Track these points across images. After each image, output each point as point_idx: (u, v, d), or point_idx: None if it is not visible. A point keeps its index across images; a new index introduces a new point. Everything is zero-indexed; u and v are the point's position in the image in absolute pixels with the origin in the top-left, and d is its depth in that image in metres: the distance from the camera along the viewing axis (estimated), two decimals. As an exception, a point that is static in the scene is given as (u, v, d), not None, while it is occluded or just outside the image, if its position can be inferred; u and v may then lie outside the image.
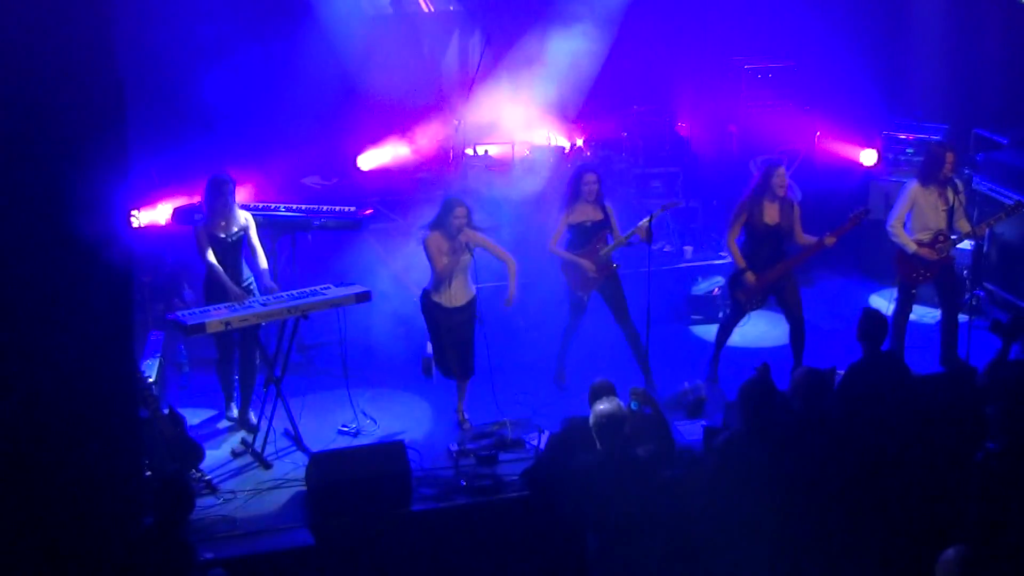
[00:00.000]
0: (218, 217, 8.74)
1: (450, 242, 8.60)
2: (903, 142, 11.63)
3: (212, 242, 8.73)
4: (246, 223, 8.89)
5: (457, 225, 8.56)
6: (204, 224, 8.75)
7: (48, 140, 6.13)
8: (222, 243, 8.76)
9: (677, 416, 8.77)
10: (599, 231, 9.29)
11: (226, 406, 9.12)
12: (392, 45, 11.76)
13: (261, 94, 11.42)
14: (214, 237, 8.74)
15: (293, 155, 11.67)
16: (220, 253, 8.75)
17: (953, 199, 9.50)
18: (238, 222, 8.84)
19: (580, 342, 10.02)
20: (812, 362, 8.62)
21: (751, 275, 9.30)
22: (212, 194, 8.73)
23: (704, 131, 12.42)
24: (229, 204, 8.78)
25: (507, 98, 11.61)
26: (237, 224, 8.83)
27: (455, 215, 8.57)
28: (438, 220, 8.65)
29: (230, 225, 8.79)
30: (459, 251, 8.57)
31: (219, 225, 8.75)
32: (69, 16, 6.05)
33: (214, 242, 8.74)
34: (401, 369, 9.89)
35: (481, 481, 8.11)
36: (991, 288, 10.85)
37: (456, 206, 8.62)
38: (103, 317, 6.45)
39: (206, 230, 8.74)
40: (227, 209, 8.77)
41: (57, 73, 6.07)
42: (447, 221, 8.59)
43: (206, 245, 8.72)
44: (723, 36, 12.45)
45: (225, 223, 8.76)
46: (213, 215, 8.74)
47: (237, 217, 8.85)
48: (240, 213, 8.90)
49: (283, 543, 7.61)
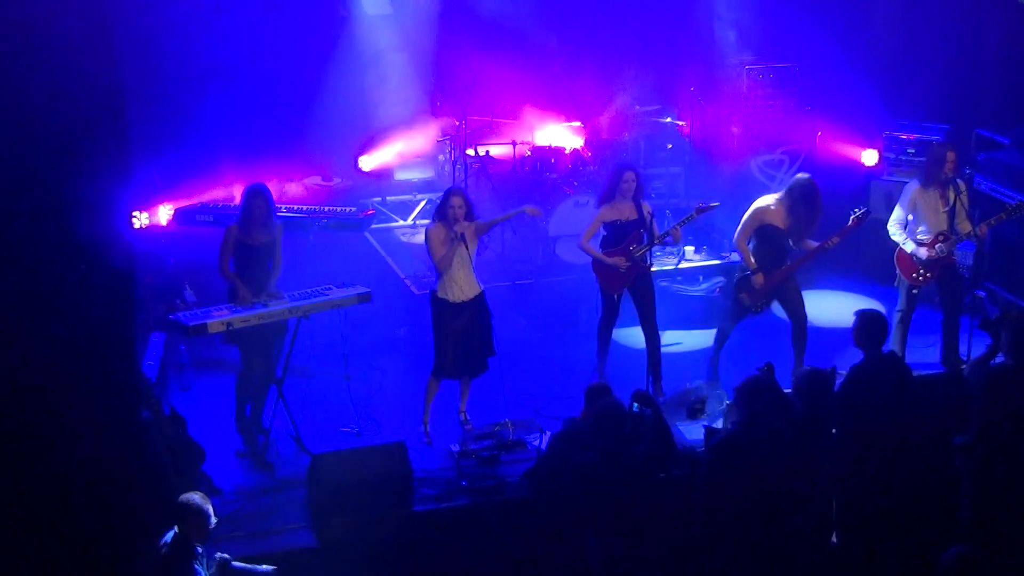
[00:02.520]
0: (256, 225, 8.63)
1: (448, 231, 8.60)
2: (904, 142, 11.62)
3: (240, 249, 8.60)
4: (277, 233, 8.76)
5: (453, 215, 8.57)
6: (238, 230, 8.63)
7: (49, 141, 6.12)
8: (251, 250, 8.62)
9: (678, 416, 8.77)
10: (634, 230, 9.24)
11: (238, 411, 9.04)
12: (392, 45, 11.76)
13: (261, 95, 11.43)
14: (244, 244, 8.61)
15: (294, 156, 11.68)
16: (247, 260, 8.61)
17: (954, 199, 9.50)
18: (271, 232, 8.73)
19: (581, 343, 10.05)
20: (813, 362, 8.63)
21: (760, 277, 9.30)
22: (254, 202, 8.60)
23: (706, 131, 12.42)
24: (266, 213, 8.65)
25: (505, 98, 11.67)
26: (270, 234, 8.72)
27: (451, 204, 8.58)
28: (439, 210, 8.70)
29: (263, 234, 8.67)
30: (455, 241, 8.56)
31: (252, 233, 8.64)
32: (70, 18, 6.05)
33: (243, 249, 8.61)
34: (402, 369, 9.89)
35: (483, 482, 8.11)
36: (992, 288, 10.84)
37: (453, 196, 8.65)
38: (104, 318, 6.44)
39: (238, 236, 8.61)
40: (267, 218, 8.65)
41: (58, 75, 6.07)
42: (445, 210, 8.62)
43: (230, 252, 8.59)
44: (725, 36, 12.44)
45: (258, 232, 8.64)
46: (251, 223, 8.62)
47: (272, 228, 8.74)
48: (275, 224, 8.77)
49: (285, 544, 7.64)
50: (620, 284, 9.37)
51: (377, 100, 11.87)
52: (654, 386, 9.20)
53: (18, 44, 5.95)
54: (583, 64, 12.04)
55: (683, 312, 10.73)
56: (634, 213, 9.26)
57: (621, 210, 9.27)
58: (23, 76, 6.00)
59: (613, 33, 12.16)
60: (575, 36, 12.15)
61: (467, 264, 8.69)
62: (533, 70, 12.15)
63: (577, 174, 11.25)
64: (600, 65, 12.04)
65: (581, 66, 12.04)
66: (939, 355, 9.89)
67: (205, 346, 9.36)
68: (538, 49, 12.15)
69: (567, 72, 12.12)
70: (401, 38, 11.91)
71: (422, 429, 8.88)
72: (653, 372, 9.25)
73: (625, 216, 9.26)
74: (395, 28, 11.94)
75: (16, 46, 5.95)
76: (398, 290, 10.69)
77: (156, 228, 10.36)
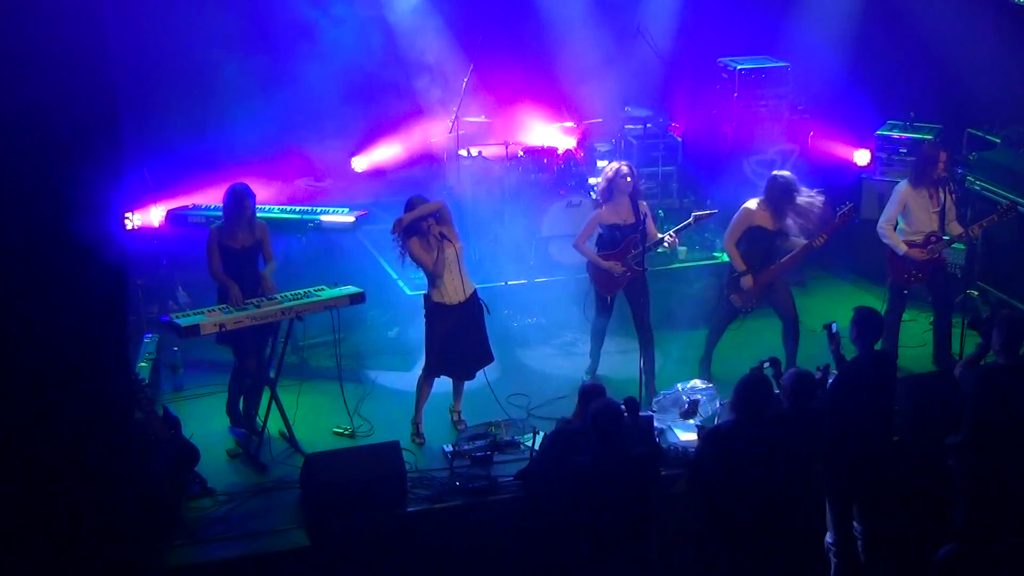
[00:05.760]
0: (235, 227, 8.63)
1: (426, 239, 8.58)
2: (896, 142, 11.64)
3: (225, 252, 8.60)
4: (261, 235, 8.77)
5: (426, 225, 8.53)
6: (220, 233, 8.62)
7: (41, 142, 6.12)
8: (236, 253, 8.63)
9: (671, 417, 8.78)
10: (631, 233, 9.24)
11: (230, 402, 9.03)
12: (388, 46, 11.75)
13: (254, 96, 11.42)
14: (228, 248, 8.61)
15: (286, 157, 11.67)
16: (233, 263, 8.61)
17: (945, 199, 9.52)
18: (254, 234, 8.74)
19: (574, 343, 10.05)
20: (805, 362, 8.65)
21: (749, 279, 9.31)
22: (232, 204, 8.60)
23: (698, 131, 12.42)
24: (248, 215, 8.66)
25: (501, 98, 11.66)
26: (253, 236, 8.73)
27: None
28: (408, 227, 8.57)
29: (246, 236, 8.68)
30: (438, 244, 8.54)
31: (235, 236, 8.64)
32: (63, 19, 6.05)
33: (227, 253, 8.61)
34: (395, 369, 9.89)
35: (476, 482, 8.11)
36: (984, 287, 10.87)
37: (418, 204, 8.60)
38: (97, 319, 6.44)
39: (220, 240, 8.60)
40: (245, 220, 8.65)
41: (51, 75, 6.06)
42: (415, 224, 8.54)
43: (217, 256, 8.58)
44: (717, 36, 12.45)
45: (242, 234, 8.65)
46: (231, 225, 8.63)
47: (254, 229, 8.75)
48: (257, 224, 8.78)
49: (278, 545, 7.63)
50: (615, 286, 9.38)
51: (370, 100, 11.85)
52: (647, 387, 9.21)
53: (12, 47, 5.94)
54: (576, 64, 12.02)
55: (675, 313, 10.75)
56: (631, 216, 9.26)
57: (619, 212, 9.27)
58: (17, 79, 5.99)
59: (611, 33, 12.15)
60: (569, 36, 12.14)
61: (458, 264, 8.68)
62: (527, 70, 12.16)
63: (570, 174, 11.26)
64: (594, 65, 12.03)
65: (574, 66, 12.02)
66: (931, 355, 9.92)
67: (198, 347, 9.35)
68: (532, 49, 12.16)
69: (560, 72, 12.11)
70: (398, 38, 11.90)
71: (414, 429, 8.88)
72: (646, 373, 9.24)
73: (623, 219, 9.27)
74: (390, 29, 11.93)
75: (10, 49, 5.94)
76: (391, 290, 10.68)
77: (148, 229, 10.34)
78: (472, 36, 11.58)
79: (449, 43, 11.88)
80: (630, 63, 12.09)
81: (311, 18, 11.48)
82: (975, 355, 7.60)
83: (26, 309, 6.23)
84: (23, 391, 6.27)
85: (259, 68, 11.50)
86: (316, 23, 11.47)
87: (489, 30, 11.65)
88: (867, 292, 11.23)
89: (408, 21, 11.83)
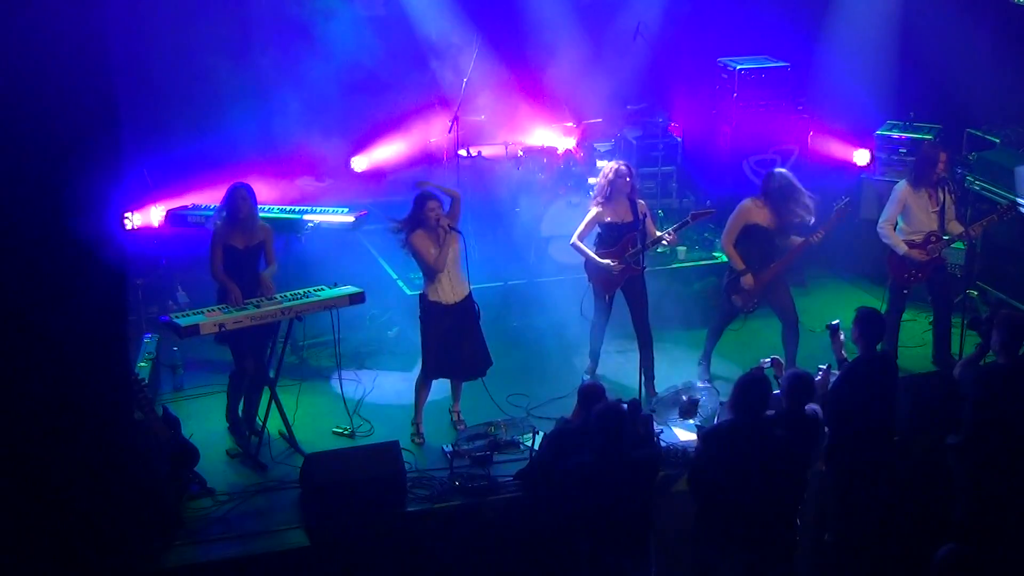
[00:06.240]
0: (237, 227, 8.58)
1: (433, 234, 8.59)
2: (896, 142, 11.63)
3: (227, 252, 8.56)
4: (265, 236, 8.73)
5: (435, 218, 8.56)
6: (223, 232, 8.57)
7: (41, 143, 6.13)
8: (238, 253, 8.58)
9: (671, 416, 8.78)
10: (630, 232, 9.24)
11: (230, 409, 9.00)
12: (388, 45, 11.75)
13: (254, 96, 11.42)
14: (230, 247, 8.56)
15: (286, 157, 11.66)
16: (235, 264, 8.56)
17: (945, 199, 9.52)
18: (257, 235, 8.71)
19: (573, 343, 10.05)
20: (805, 362, 8.65)
21: (750, 278, 9.31)
22: (233, 203, 8.54)
23: (697, 131, 12.42)
24: (250, 214, 8.60)
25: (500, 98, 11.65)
26: (256, 237, 8.69)
27: (428, 208, 8.55)
28: (415, 218, 8.61)
29: (249, 236, 8.64)
30: (444, 240, 8.56)
31: (237, 235, 8.60)
32: (63, 20, 6.05)
33: (230, 252, 8.56)
34: (395, 369, 9.89)
35: (475, 482, 8.11)
36: (984, 287, 10.87)
37: (427, 200, 8.59)
38: (97, 319, 6.45)
39: (223, 240, 8.55)
40: (248, 219, 8.60)
41: (51, 76, 6.07)
42: (423, 216, 8.58)
43: (219, 257, 8.53)
44: (717, 36, 12.45)
45: (244, 234, 8.61)
46: (232, 225, 8.58)
47: (257, 229, 8.72)
48: (261, 226, 8.74)
49: (278, 545, 7.63)
50: (613, 285, 9.38)
51: (370, 100, 11.85)
52: (646, 387, 9.20)
53: (13, 49, 5.95)
54: (576, 64, 12.02)
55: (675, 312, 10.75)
56: (629, 214, 9.26)
57: (617, 210, 9.27)
58: (18, 80, 6.00)
59: (611, 33, 12.15)
60: (570, 36, 12.14)
61: (457, 264, 8.69)
62: (526, 70, 12.15)
63: (570, 174, 11.25)
64: (593, 65, 12.03)
65: (574, 66, 12.02)
66: (931, 355, 9.92)
67: (197, 347, 9.34)
68: (532, 49, 12.16)
69: (560, 72, 12.10)
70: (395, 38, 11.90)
71: (414, 429, 8.88)
72: (646, 373, 9.24)
73: (621, 218, 9.26)
74: (388, 27, 11.93)
75: (11, 51, 5.95)
76: (391, 290, 10.68)
77: (148, 229, 10.34)
78: (472, 36, 11.58)
79: (449, 43, 11.88)
80: (630, 63, 12.08)
81: (311, 18, 11.49)
82: (975, 355, 7.61)
83: (26, 309, 6.24)
84: (23, 391, 6.28)
85: (258, 68, 11.51)
86: (316, 23, 11.48)
87: (489, 30, 11.64)
88: (867, 292, 11.24)
89: (408, 21, 11.84)
